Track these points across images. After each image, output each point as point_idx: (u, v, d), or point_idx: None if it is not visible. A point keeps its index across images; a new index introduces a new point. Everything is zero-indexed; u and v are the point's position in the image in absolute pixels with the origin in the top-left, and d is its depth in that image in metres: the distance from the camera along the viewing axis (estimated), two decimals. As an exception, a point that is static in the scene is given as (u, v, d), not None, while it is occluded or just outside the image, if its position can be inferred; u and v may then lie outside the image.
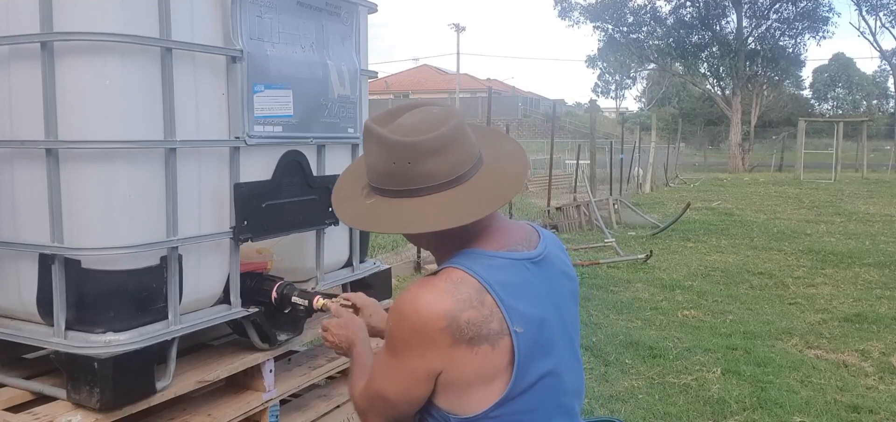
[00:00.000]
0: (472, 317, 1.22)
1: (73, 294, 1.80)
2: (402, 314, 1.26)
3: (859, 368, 4.32)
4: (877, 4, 34.78)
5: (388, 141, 1.26)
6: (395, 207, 1.28)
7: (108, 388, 1.77)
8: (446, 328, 1.22)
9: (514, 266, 1.30)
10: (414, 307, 1.24)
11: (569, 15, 36.14)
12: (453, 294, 1.23)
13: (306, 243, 2.44)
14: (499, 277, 1.26)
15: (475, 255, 1.29)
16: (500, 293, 1.25)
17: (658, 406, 3.62)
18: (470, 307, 1.23)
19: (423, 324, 1.23)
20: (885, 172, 27.38)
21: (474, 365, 1.24)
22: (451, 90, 46.22)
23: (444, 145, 1.25)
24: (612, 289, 6.36)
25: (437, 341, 1.22)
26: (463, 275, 1.25)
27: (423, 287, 1.26)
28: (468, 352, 1.23)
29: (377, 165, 1.29)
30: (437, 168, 1.26)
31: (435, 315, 1.22)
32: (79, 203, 1.78)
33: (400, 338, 1.27)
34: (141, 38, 1.78)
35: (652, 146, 19.82)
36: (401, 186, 1.27)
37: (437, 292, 1.23)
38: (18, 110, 1.81)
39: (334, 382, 2.77)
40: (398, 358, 1.28)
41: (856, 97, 58.40)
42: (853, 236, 9.98)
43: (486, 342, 1.24)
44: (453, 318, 1.22)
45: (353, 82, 2.50)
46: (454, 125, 1.27)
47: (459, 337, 1.22)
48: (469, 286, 1.24)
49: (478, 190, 1.28)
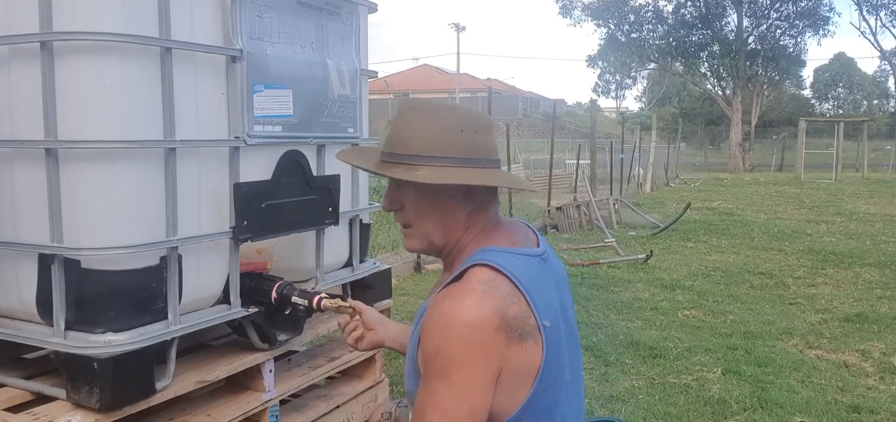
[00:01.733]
0: (516, 312, 1.22)
1: (72, 294, 1.80)
2: (448, 331, 1.20)
3: (860, 368, 4.31)
4: (877, 4, 34.75)
5: (461, 110, 1.34)
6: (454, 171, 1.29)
7: (108, 388, 1.77)
8: (500, 327, 1.20)
9: (529, 262, 1.31)
10: (461, 317, 1.19)
11: (570, 13, 36.16)
12: (494, 292, 1.21)
13: (306, 243, 2.44)
14: (522, 271, 1.26)
15: (495, 251, 1.29)
16: (528, 287, 1.25)
17: (658, 406, 3.62)
18: (512, 302, 1.22)
19: (478, 330, 1.19)
20: (885, 171, 27.37)
21: (523, 362, 1.23)
22: (451, 90, 46.21)
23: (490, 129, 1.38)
24: (613, 289, 6.35)
25: (495, 342, 1.19)
26: (492, 272, 1.24)
27: (459, 295, 1.23)
28: (519, 349, 1.22)
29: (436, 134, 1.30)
30: (490, 144, 1.36)
31: (486, 317, 1.19)
32: (79, 203, 1.78)
33: (453, 356, 1.19)
34: (141, 37, 1.78)
35: (652, 146, 19.82)
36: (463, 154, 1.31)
37: (478, 295, 1.21)
38: (18, 110, 1.81)
39: (334, 382, 2.77)
40: (456, 379, 1.19)
41: (856, 97, 58.39)
42: (854, 236, 9.98)
43: (529, 337, 1.23)
44: (503, 315, 1.20)
45: (353, 82, 2.50)
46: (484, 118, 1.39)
47: (511, 334, 1.21)
48: (503, 282, 1.23)
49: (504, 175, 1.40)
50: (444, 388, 1.20)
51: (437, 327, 1.22)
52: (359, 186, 2.65)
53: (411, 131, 1.33)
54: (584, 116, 42.72)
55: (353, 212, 2.63)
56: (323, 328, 2.55)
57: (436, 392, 1.21)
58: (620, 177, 15.73)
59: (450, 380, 1.19)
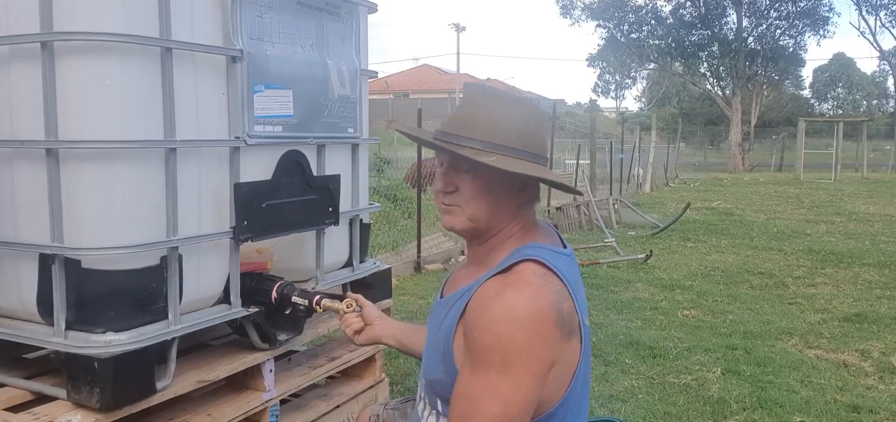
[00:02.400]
0: (568, 307, 1.24)
1: (73, 294, 1.80)
2: (509, 322, 1.18)
3: (859, 368, 4.32)
4: (877, 4, 34.76)
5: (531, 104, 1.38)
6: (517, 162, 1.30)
7: (108, 388, 1.77)
8: (557, 320, 1.20)
9: (568, 262, 1.33)
10: (523, 309, 1.18)
11: (570, 12, 36.17)
12: (549, 286, 1.22)
13: (306, 243, 2.44)
14: (566, 270, 1.28)
15: (542, 248, 1.30)
16: (572, 286, 1.27)
17: (658, 406, 3.62)
18: (564, 298, 1.23)
19: (539, 322, 1.18)
20: (885, 171, 27.38)
21: (571, 358, 1.24)
22: (451, 90, 46.18)
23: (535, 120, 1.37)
24: (612, 289, 6.36)
25: (553, 335, 1.20)
26: (544, 268, 1.25)
27: (517, 288, 1.22)
28: (568, 345, 1.23)
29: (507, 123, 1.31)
30: (547, 142, 1.39)
31: (546, 310, 1.19)
32: (79, 203, 1.78)
33: (514, 348, 1.17)
34: (141, 37, 1.78)
35: (652, 146, 19.82)
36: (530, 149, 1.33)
37: (535, 288, 1.21)
38: (18, 110, 1.81)
39: (334, 381, 2.77)
40: (516, 372, 1.17)
41: (856, 97, 58.41)
42: (853, 236, 9.98)
43: (575, 335, 1.25)
44: (559, 309, 1.21)
45: (353, 82, 2.50)
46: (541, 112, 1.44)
47: (565, 328, 1.22)
48: (555, 279, 1.24)
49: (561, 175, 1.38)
50: (503, 379, 1.18)
51: (498, 317, 1.19)
52: (359, 186, 2.65)
53: (483, 116, 1.32)
54: (583, 116, 42.70)
55: (353, 212, 2.63)
56: (323, 328, 2.55)
57: (493, 384, 1.18)
58: (620, 177, 15.73)
59: (509, 371, 1.17)
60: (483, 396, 1.19)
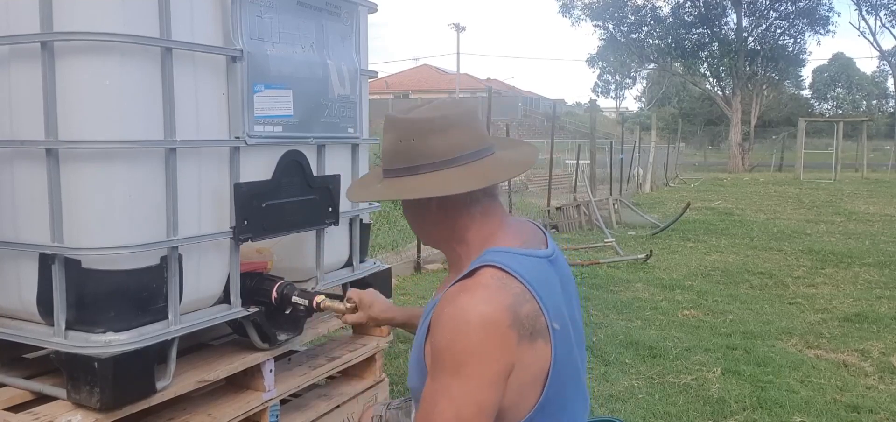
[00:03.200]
0: (528, 311, 1.21)
1: (73, 294, 1.80)
2: (460, 326, 1.18)
3: (859, 368, 4.32)
4: (877, 4, 34.76)
5: (396, 120, 1.34)
6: (397, 182, 1.33)
7: (109, 388, 1.77)
8: (512, 324, 1.19)
9: (537, 263, 1.30)
10: (474, 313, 1.18)
11: (570, 12, 36.16)
12: (506, 290, 1.21)
13: (306, 243, 2.44)
14: (530, 272, 1.25)
15: (501, 252, 1.28)
16: (537, 288, 1.24)
17: (658, 406, 3.62)
18: (524, 301, 1.21)
19: (491, 326, 1.17)
20: (885, 171, 27.38)
21: (536, 362, 1.22)
22: (451, 90, 46.19)
23: (445, 127, 1.30)
24: (612, 289, 6.35)
25: (507, 338, 1.18)
26: (501, 273, 1.23)
27: (470, 291, 1.22)
28: (530, 348, 1.21)
29: (388, 148, 1.35)
30: (438, 146, 1.30)
31: (499, 313, 1.18)
32: (79, 203, 1.78)
33: (464, 352, 1.18)
34: (141, 37, 1.78)
35: (652, 146, 19.82)
36: (405, 164, 1.32)
37: (490, 291, 1.20)
38: (18, 110, 1.81)
39: (334, 381, 2.77)
40: (467, 375, 1.18)
41: (856, 97, 58.41)
42: (853, 236, 9.98)
43: (540, 338, 1.22)
44: (515, 313, 1.19)
45: (353, 82, 2.50)
46: (460, 112, 1.33)
47: (523, 332, 1.20)
48: (513, 282, 1.22)
49: (473, 171, 1.31)
50: (454, 382, 1.18)
51: (449, 320, 1.20)
52: (359, 186, 2.65)
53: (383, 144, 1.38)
54: (583, 116, 42.73)
55: (353, 212, 2.63)
56: (323, 328, 2.55)
57: (446, 387, 1.18)
58: (620, 177, 15.74)
59: (460, 374, 1.17)
60: (438, 399, 1.20)
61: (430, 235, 1.41)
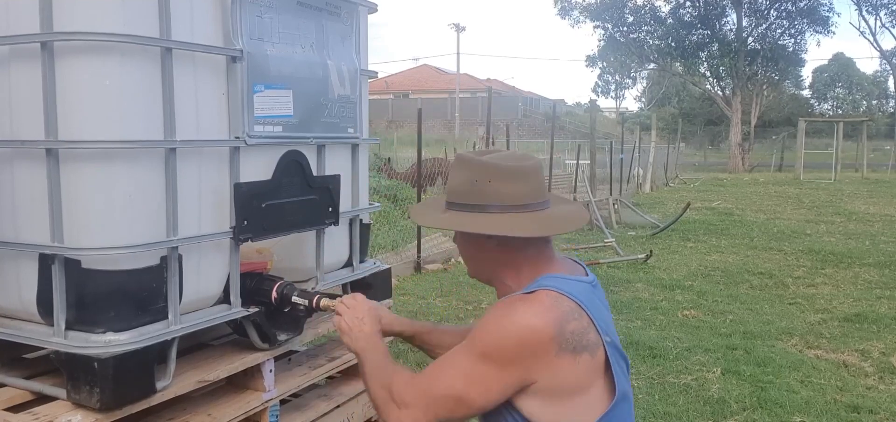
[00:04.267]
0: (575, 328, 1.36)
1: (73, 294, 1.80)
2: (505, 325, 1.34)
3: (859, 368, 4.32)
4: (877, 4, 34.77)
5: (472, 161, 1.50)
6: (466, 216, 1.48)
7: (109, 388, 1.76)
8: (555, 337, 1.33)
9: (585, 287, 1.46)
10: (523, 320, 1.33)
11: (569, 14, 36.14)
12: (558, 307, 1.36)
13: (306, 243, 2.44)
14: (581, 294, 1.41)
15: (556, 277, 1.44)
16: (588, 307, 1.40)
17: (658, 406, 3.62)
18: (573, 319, 1.36)
19: (532, 338, 1.32)
20: (885, 172, 27.39)
21: (577, 373, 1.35)
22: (451, 90, 46.19)
23: (516, 176, 1.47)
24: (612, 289, 6.36)
25: (545, 350, 1.32)
26: (556, 294, 1.38)
27: (527, 303, 1.37)
28: (571, 360, 1.34)
29: (460, 185, 1.50)
30: (508, 192, 1.46)
31: (545, 324, 1.33)
32: (79, 203, 1.78)
33: (497, 347, 1.34)
34: (141, 38, 1.78)
35: (652, 146, 19.83)
36: (476, 202, 1.47)
37: (543, 307, 1.36)
38: (18, 110, 1.81)
39: (334, 382, 2.77)
40: (492, 367, 1.34)
41: (856, 97, 58.43)
42: (853, 236, 9.98)
43: (586, 351, 1.36)
44: (560, 328, 1.34)
45: (353, 82, 2.50)
46: (528, 165, 1.50)
47: (564, 346, 1.33)
48: (567, 302, 1.38)
49: (536, 219, 1.47)
50: (474, 363, 1.35)
51: (499, 317, 1.37)
52: (359, 186, 2.65)
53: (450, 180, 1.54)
54: (583, 116, 42.71)
55: (353, 212, 2.63)
56: (323, 328, 2.55)
57: (465, 361, 1.36)
58: (620, 177, 15.75)
59: (483, 361, 1.34)
60: (456, 367, 1.38)
61: (483, 267, 1.55)
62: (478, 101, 41.59)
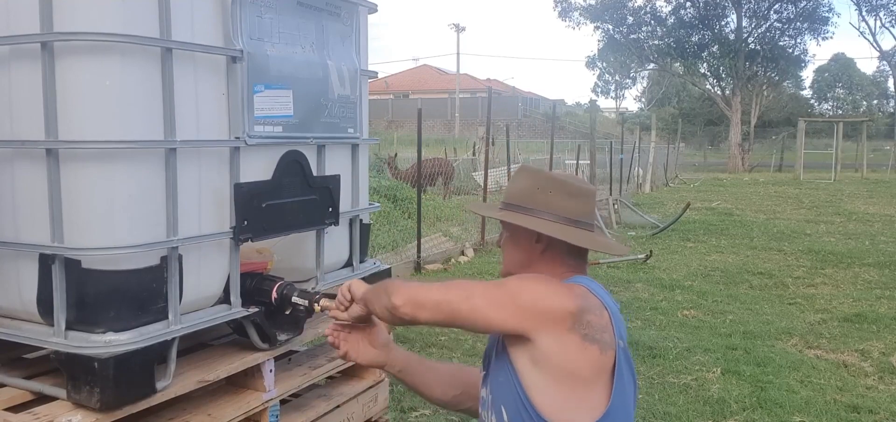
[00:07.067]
0: (594, 320, 1.46)
1: (73, 294, 1.80)
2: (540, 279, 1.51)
3: (859, 368, 4.32)
4: (877, 4, 34.77)
5: (537, 172, 1.68)
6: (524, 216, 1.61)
7: (109, 388, 1.77)
8: (573, 313, 1.44)
9: (614, 303, 1.58)
10: (553, 287, 1.48)
11: (569, 15, 36.13)
12: (585, 299, 1.48)
13: (306, 243, 2.44)
14: (611, 304, 1.54)
15: (590, 281, 1.58)
16: (611, 309, 1.51)
17: (658, 406, 3.62)
18: (594, 313, 1.47)
19: (556, 302, 1.44)
20: (884, 172, 27.39)
21: (580, 358, 1.43)
22: (451, 90, 46.20)
23: (574, 194, 1.63)
24: (612, 289, 6.36)
25: (560, 319, 1.43)
26: (586, 290, 1.51)
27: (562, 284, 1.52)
28: (579, 343, 1.43)
29: (523, 190, 1.65)
30: (564, 205, 1.61)
31: (569, 299, 1.45)
32: (79, 203, 1.78)
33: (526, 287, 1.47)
34: (141, 38, 1.78)
35: (652, 146, 19.83)
36: (535, 207, 1.62)
37: (574, 292, 1.49)
38: (18, 110, 1.81)
39: (334, 381, 2.77)
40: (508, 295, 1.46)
41: (856, 97, 58.43)
42: (853, 236, 9.99)
43: (596, 344, 1.45)
44: (581, 311, 1.45)
45: (353, 82, 2.50)
46: (587, 189, 1.67)
47: (578, 328, 1.43)
48: (595, 299, 1.50)
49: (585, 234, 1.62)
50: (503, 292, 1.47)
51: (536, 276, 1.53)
52: (359, 186, 2.65)
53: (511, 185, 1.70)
54: (583, 116, 42.71)
55: (353, 212, 2.63)
56: (323, 328, 2.55)
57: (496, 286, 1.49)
58: (620, 177, 15.74)
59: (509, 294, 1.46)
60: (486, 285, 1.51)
61: (522, 265, 1.64)
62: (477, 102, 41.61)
